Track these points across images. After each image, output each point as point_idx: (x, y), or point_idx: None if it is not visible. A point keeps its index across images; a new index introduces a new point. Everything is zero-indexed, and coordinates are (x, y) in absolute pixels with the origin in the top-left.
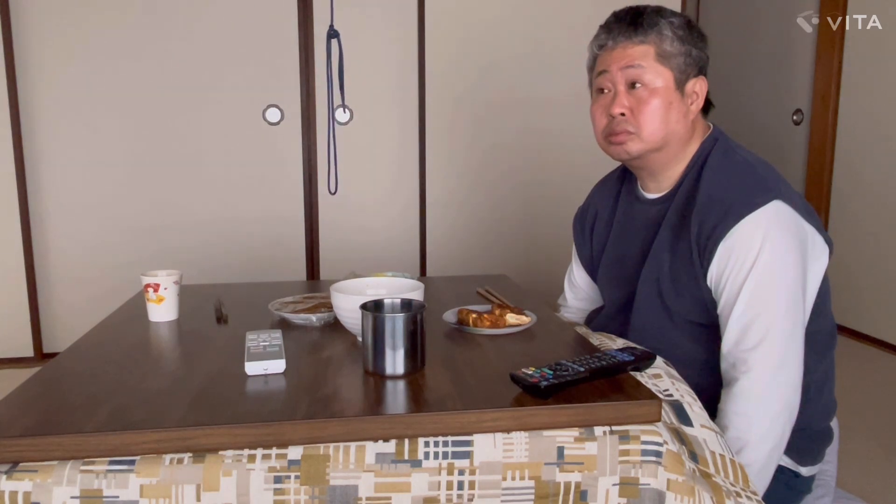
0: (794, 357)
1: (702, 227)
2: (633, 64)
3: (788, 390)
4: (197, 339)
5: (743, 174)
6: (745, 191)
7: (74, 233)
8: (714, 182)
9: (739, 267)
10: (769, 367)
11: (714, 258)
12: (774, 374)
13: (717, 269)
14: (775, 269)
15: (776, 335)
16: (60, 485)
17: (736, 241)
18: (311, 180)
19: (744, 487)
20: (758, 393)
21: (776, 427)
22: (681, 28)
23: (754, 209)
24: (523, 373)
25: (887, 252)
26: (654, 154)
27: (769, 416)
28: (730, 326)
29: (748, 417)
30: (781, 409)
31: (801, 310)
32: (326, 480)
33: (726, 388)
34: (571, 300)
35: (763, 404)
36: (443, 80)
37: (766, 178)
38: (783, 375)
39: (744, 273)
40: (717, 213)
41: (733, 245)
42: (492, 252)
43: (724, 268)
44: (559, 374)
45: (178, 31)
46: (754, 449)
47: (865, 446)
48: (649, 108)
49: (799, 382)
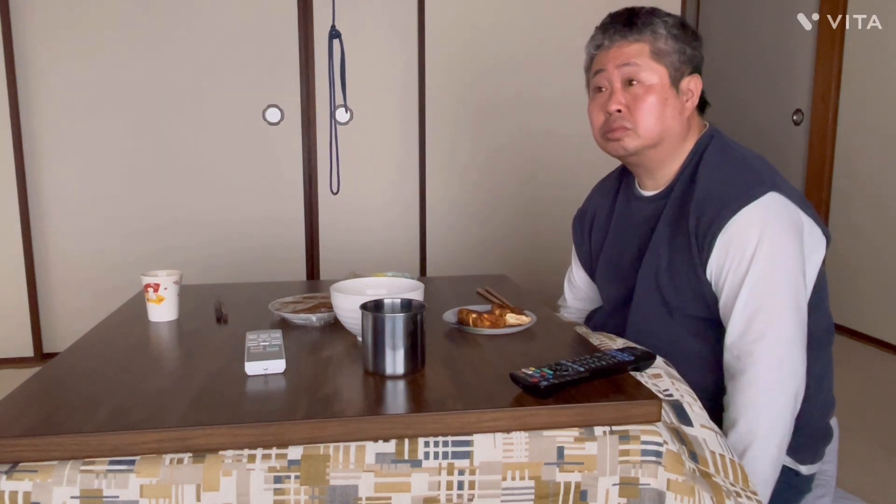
0: (798, 346)
1: (699, 221)
2: (628, 62)
3: (795, 380)
4: (197, 339)
5: (739, 169)
6: (741, 184)
7: (74, 233)
8: (710, 177)
9: (739, 259)
10: (775, 357)
11: (713, 252)
12: (780, 364)
13: (717, 262)
14: (776, 260)
15: (781, 325)
16: (60, 485)
17: (734, 233)
18: (311, 180)
19: (744, 487)
20: (766, 384)
21: (784, 418)
22: (675, 27)
23: (750, 201)
24: (523, 373)
25: (887, 252)
26: (650, 150)
27: (776, 407)
28: (734, 318)
29: (757, 409)
30: (787, 400)
31: (803, 299)
32: (326, 480)
33: (732, 381)
34: (571, 300)
35: (771, 395)
36: (443, 80)
37: (762, 172)
38: (789, 365)
39: (745, 265)
40: (714, 207)
41: (731, 237)
42: (492, 252)
43: (724, 261)
44: (559, 374)
45: (178, 31)
46: (764, 440)
47: (865, 446)
48: (645, 105)
49: (803, 372)
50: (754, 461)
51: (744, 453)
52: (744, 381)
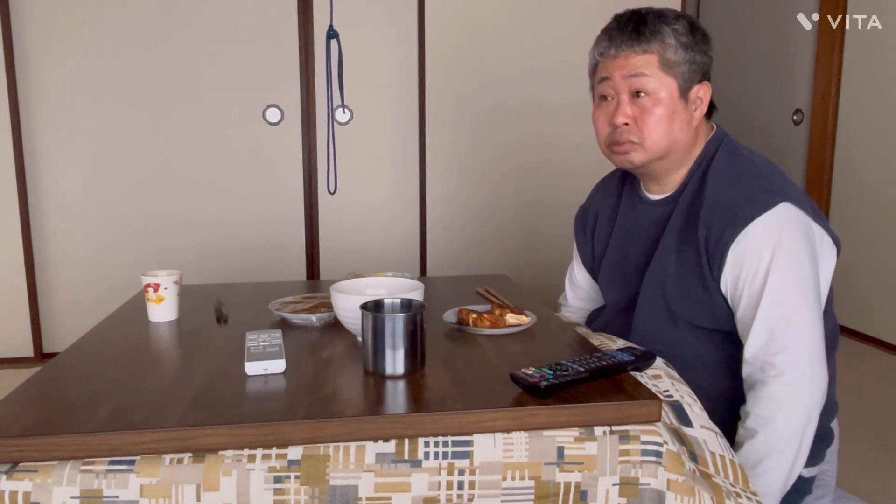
0: (819, 359)
1: (709, 232)
2: (635, 73)
3: (817, 393)
4: (197, 339)
5: (748, 176)
6: (752, 194)
7: (74, 233)
8: (719, 185)
9: (755, 272)
10: (799, 369)
11: (726, 264)
12: (802, 377)
13: (731, 275)
14: (792, 272)
15: (803, 337)
16: (60, 485)
17: (746, 246)
18: (310, 180)
19: (744, 488)
20: (789, 397)
21: (803, 431)
22: (684, 34)
23: (762, 212)
24: (523, 373)
25: (887, 252)
26: (657, 162)
27: (797, 420)
28: (754, 330)
29: (776, 421)
30: (808, 413)
31: (820, 308)
32: (326, 480)
33: (753, 391)
34: (572, 299)
35: (793, 408)
36: (443, 79)
37: (773, 180)
38: (812, 376)
39: (760, 277)
40: (725, 218)
41: (745, 250)
42: (492, 252)
43: (739, 274)
44: (559, 374)
45: (178, 31)
46: (781, 454)
47: (865, 446)
48: (653, 118)
49: (825, 386)
50: (770, 472)
51: (759, 463)
52: (766, 392)
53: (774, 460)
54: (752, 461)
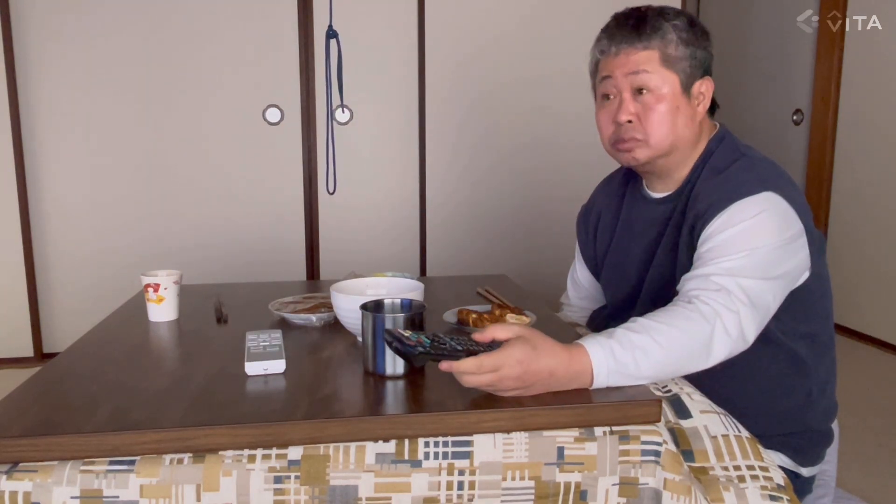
0: (749, 323)
1: (695, 221)
2: (637, 70)
3: (725, 343)
4: (197, 339)
5: (740, 171)
6: (739, 183)
7: (74, 233)
8: (712, 178)
9: (721, 230)
10: (729, 309)
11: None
12: (724, 318)
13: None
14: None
15: (742, 281)
16: (60, 485)
17: (721, 221)
18: (311, 180)
19: (755, 460)
20: (698, 319)
21: (692, 363)
22: (684, 30)
23: (745, 196)
24: (400, 332)
25: (887, 252)
26: (662, 159)
27: (693, 344)
28: (699, 258)
29: (675, 330)
30: (702, 348)
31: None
32: (326, 480)
33: (672, 306)
34: (574, 298)
35: (695, 332)
36: (443, 79)
37: (764, 174)
38: (730, 326)
39: (722, 230)
40: (708, 203)
41: (718, 225)
42: (492, 252)
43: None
44: (436, 345)
45: (178, 31)
46: (660, 348)
47: (865, 446)
48: (656, 115)
49: (737, 350)
50: (644, 352)
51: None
52: (683, 309)
53: (654, 346)
54: (647, 326)
